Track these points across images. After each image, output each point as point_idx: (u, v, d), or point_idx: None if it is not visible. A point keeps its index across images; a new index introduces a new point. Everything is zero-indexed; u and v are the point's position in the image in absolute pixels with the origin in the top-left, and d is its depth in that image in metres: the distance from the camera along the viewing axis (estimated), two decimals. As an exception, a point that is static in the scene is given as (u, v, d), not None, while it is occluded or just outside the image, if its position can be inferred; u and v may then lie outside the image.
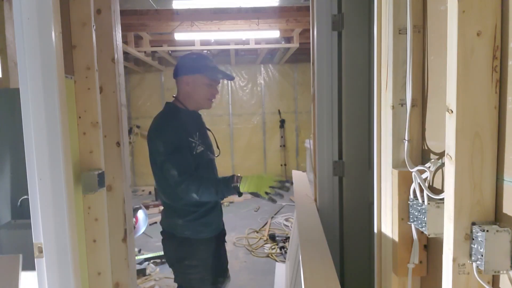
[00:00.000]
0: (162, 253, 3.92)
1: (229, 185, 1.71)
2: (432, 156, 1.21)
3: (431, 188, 1.18)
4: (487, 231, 0.87)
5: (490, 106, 0.91)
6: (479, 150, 0.92)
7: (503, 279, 0.93)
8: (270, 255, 4.02)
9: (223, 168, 4.30)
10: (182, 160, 1.75)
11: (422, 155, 1.26)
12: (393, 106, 1.27)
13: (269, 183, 1.71)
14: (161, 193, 1.95)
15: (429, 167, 1.16)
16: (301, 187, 3.03)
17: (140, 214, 3.83)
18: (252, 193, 1.74)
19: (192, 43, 5.63)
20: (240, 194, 1.74)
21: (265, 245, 4.29)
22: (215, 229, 1.99)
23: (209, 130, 2.07)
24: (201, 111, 2.03)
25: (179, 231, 1.91)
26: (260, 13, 4.58)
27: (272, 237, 4.40)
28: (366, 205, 2.28)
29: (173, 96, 1.96)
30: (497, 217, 0.93)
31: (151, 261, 3.82)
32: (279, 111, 7.90)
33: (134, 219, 3.63)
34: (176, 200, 1.87)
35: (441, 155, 1.15)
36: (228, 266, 2.19)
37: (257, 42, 5.79)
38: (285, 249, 4.03)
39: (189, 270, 1.90)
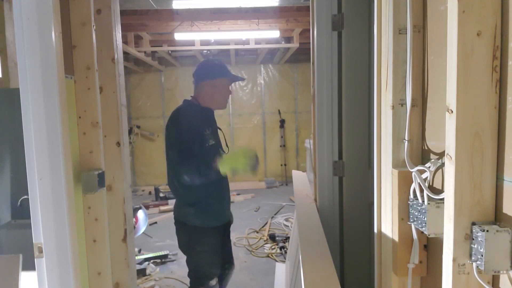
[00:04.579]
0: (162, 253, 3.94)
1: (210, 167, 1.91)
2: (432, 156, 1.21)
3: (431, 188, 1.18)
4: (487, 231, 0.87)
5: (490, 106, 0.91)
6: (479, 150, 0.92)
7: (503, 279, 0.93)
8: (270, 255, 4.02)
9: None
10: (188, 156, 1.94)
11: (422, 155, 1.26)
12: (393, 106, 1.27)
13: (243, 157, 1.93)
14: (175, 182, 2.08)
15: (429, 167, 1.16)
16: (301, 187, 3.03)
17: (140, 214, 3.84)
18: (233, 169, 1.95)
19: (192, 43, 5.62)
20: (223, 174, 1.95)
21: (265, 245, 4.29)
22: (224, 218, 2.20)
23: (220, 128, 2.25)
24: None
25: (191, 220, 2.09)
26: (260, 13, 4.58)
27: (272, 237, 4.40)
28: (366, 205, 2.28)
29: (191, 96, 2.18)
30: (497, 217, 0.93)
31: (151, 261, 3.82)
32: (279, 111, 7.90)
33: (134, 219, 3.64)
34: (188, 189, 2.06)
35: (441, 155, 1.15)
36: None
37: (257, 42, 5.78)
38: (285, 249, 4.03)
39: (200, 256, 2.11)
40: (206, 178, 1.95)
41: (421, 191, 1.16)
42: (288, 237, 4.23)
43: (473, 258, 0.92)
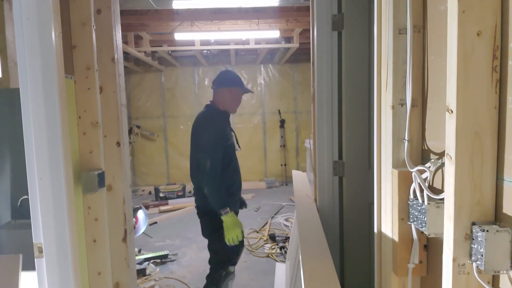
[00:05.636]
0: (162, 253, 3.95)
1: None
2: (432, 156, 1.21)
3: (431, 188, 1.18)
4: (487, 231, 0.87)
5: (490, 106, 0.91)
6: (479, 150, 0.92)
7: (503, 279, 0.93)
8: (270, 255, 4.02)
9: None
10: (216, 160, 2.30)
11: (422, 155, 1.26)
12: (393, 106, 1.27)
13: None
14: (200, 176, 2.38)
15: (429, 167, 1.16)
16: (301, 187, 3.04)
17: (140, 214, 3.83)
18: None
19: (192, 43, 5.62)
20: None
21: (265, 245, 4.29)
22: (240, 202, 2.66)
23: (232, 130, 2.58)
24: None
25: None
26: (260, 13, 4.58)
27: (272, 237, 4.40)
28: (366, 205, 2.28)
29: (210, 101, 2.56)
30: (497, 217, 0.93)
31: (151, 261, 3.82)
32: (279, 111, 7.90)
33: (134, 219, 3.63)
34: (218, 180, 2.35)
35: (441, 155, 1.15)
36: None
37: (257, 42, 5.78)
38: (285, 249, 4.03)
39: (223, 237, 2.36)
40: (233, 170, 2.45)
41: (421, 191, 1.16)
42: (288, 237, 4.23)
43: (473, 258, 0.92)
